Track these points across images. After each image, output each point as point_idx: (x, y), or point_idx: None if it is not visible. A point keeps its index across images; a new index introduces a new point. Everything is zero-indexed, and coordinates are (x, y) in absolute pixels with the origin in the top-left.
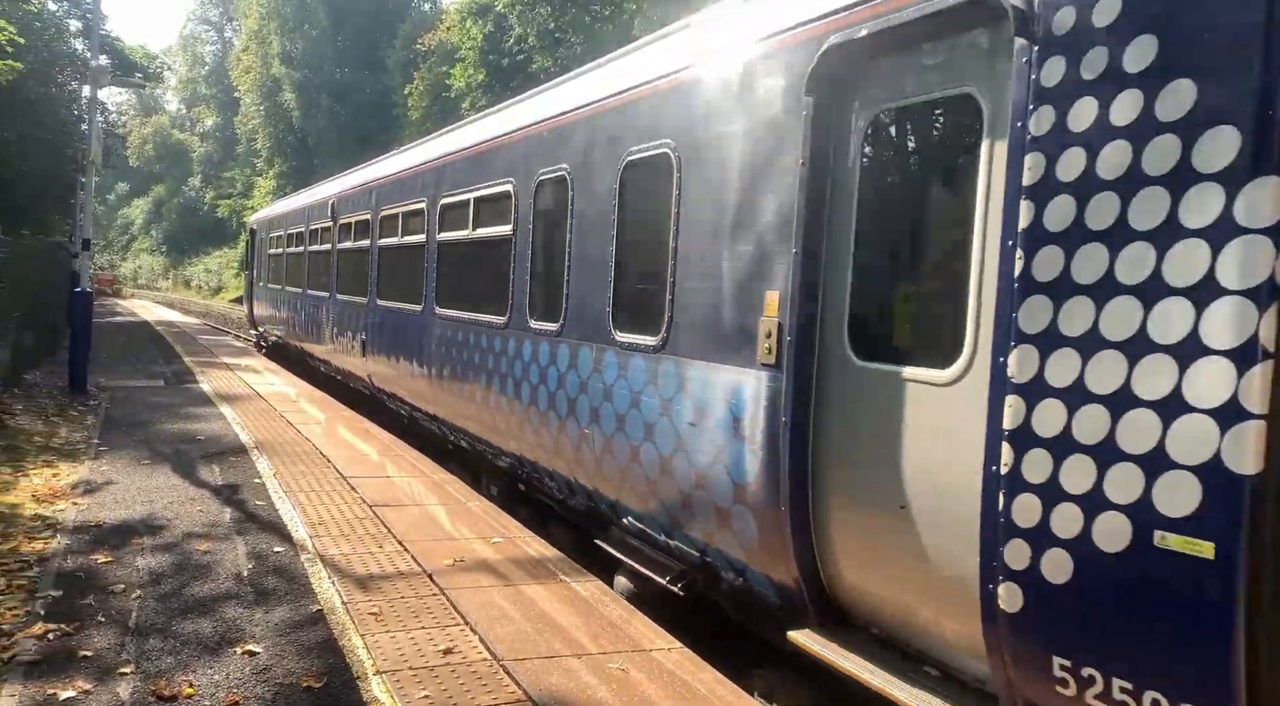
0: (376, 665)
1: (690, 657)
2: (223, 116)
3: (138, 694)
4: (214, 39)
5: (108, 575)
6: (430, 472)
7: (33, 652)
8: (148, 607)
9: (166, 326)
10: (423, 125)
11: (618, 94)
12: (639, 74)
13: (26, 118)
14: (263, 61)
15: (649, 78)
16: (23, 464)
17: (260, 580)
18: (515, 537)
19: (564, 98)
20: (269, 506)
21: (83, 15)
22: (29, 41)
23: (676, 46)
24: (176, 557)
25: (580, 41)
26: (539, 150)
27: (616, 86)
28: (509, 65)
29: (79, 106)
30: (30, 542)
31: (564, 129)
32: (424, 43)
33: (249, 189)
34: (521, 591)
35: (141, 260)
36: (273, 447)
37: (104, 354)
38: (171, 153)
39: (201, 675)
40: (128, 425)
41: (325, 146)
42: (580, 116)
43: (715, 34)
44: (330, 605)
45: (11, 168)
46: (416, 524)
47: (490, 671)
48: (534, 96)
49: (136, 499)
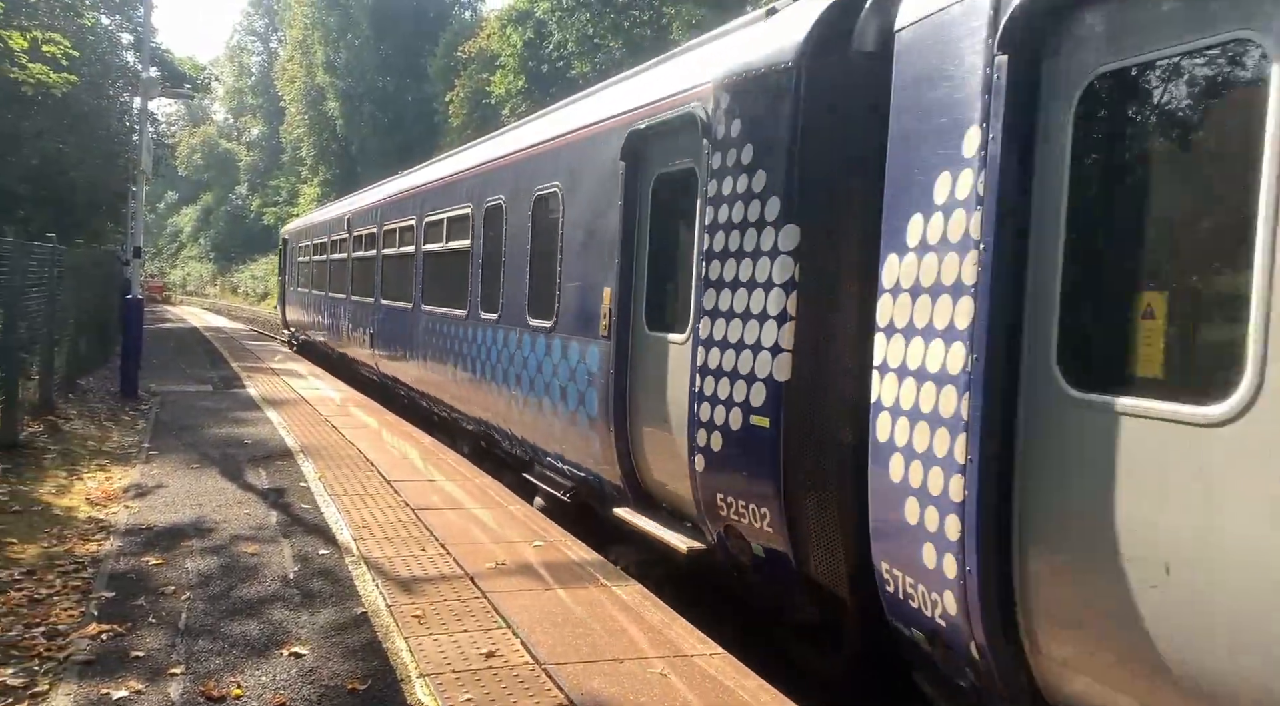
0: (420, 668)
1: (732, 663)
2: (268, 125)
3: (187, 694)
4: (260, 49)
5: (158, 577)
6: (471, 476)
7: (86, 652)
8: (197, 609)
9: (214, 332)
10: (463, 132)
11: (532, 146)
12: (543, 133)
13: (80, 129)
14: (307, 71)
15: (548, 136)
16: (77, 467)
17: (306, 582)
18: (556, 542)
19: (501, 146)
20: (314, 509)
21: (134, 29)
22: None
23: (565, 117)
24: (224, 560)
25: (619, 46)
26: (486, 183)
27: (532, 140)
28: (548, 71)
29: (130, 117)
30: (84, 544)
31: (501, 169)
32: (465, 50)
33: (294, 196)
34: (562, 595)
35: (190, 267)
36: (318, 451)
37: (154, 359)
38: (219, 162)
39: (249, 676)
40: (177, 429)
41: (368, 154)
42: (510, 161)
43: (587, 111)
44: (374, 607)
45: (66, 178)
46: (458, 527)
47: (532, 675)
48: (484, 142)
49: (186, 502)
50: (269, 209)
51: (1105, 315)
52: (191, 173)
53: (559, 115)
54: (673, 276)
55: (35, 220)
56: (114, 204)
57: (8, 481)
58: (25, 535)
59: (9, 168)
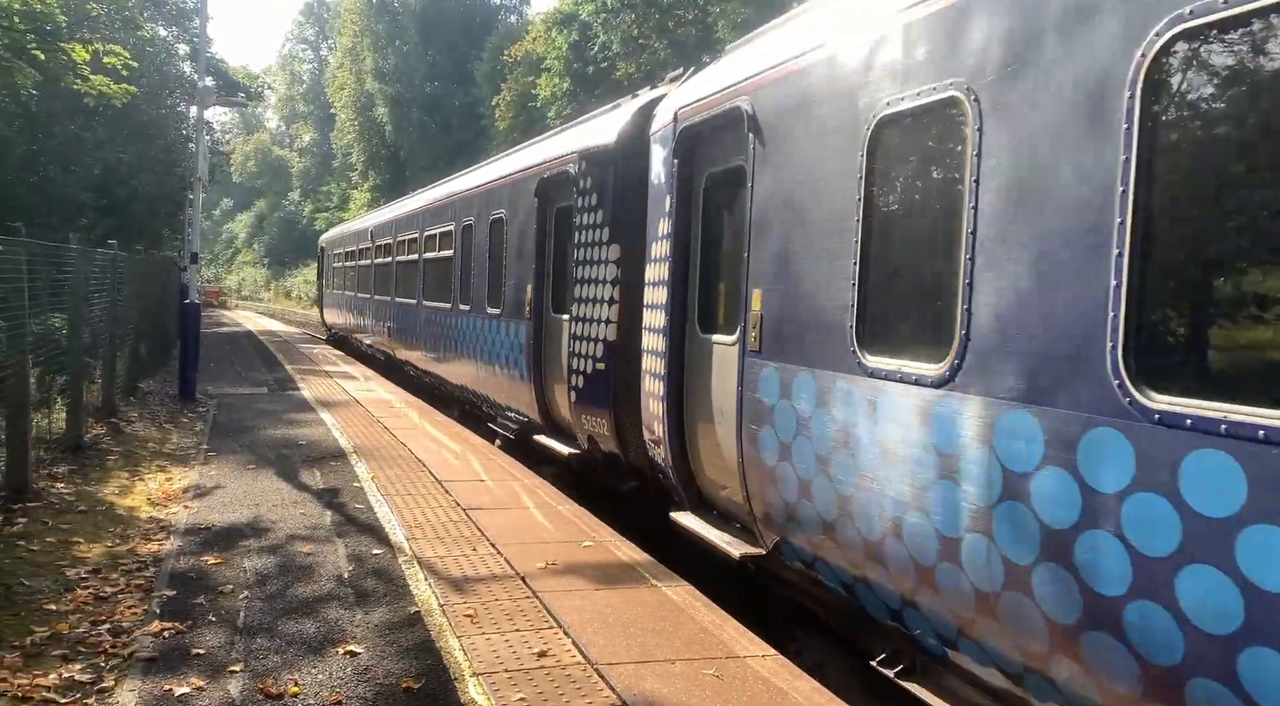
0: (473, 667)
1: (785, 665)
2: (319, 132)
3: (247, 691)
4: (311, 58)
5: (217, 575)
6: (520, 476)
7: (150, 649)
8: (255, 608)
9: (268, 336)
10: (510, 135)
11: (490, 181)
12: (496, 172)
13: (140, 139)
14: (356, 78)
15: (497, 176)
16: (139, 468)
17: (360, 581)
18: (605, 542)
19: (473, 179)
20: (367, 509)
21: (190, 39)
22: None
23: (510, 162)
24: (281, 559)
25: (663, 47)
26: (463, 207)
27: (490, 177)
28: (593, 73)
29: (187, 126)
30: (146, 544)
31: (471, 197)
32: (510, 54)
33: (345, 202)
34: (612, 595)
35: (244, 272)
36: (370, 452)
37: (211, 362)
38: (272, 168)
39: (306, 674)
40: (234, 431)
41: (417, 158)
42: (478, 191)
43: (520, 160)
44: (427, 607)
45: (127, 186)
46: (508, 527)
47: (584, 675)
48: (465, 175)
49: (243, 502)
50: (320, 214)
51: (711, 297)
52: (245, 179)
53: (507, 161)
54: (564, 276)
55: (98, 227)
56: (171, 211)
57: (73, 482)
58: (91, 534)
59: (73, 177)
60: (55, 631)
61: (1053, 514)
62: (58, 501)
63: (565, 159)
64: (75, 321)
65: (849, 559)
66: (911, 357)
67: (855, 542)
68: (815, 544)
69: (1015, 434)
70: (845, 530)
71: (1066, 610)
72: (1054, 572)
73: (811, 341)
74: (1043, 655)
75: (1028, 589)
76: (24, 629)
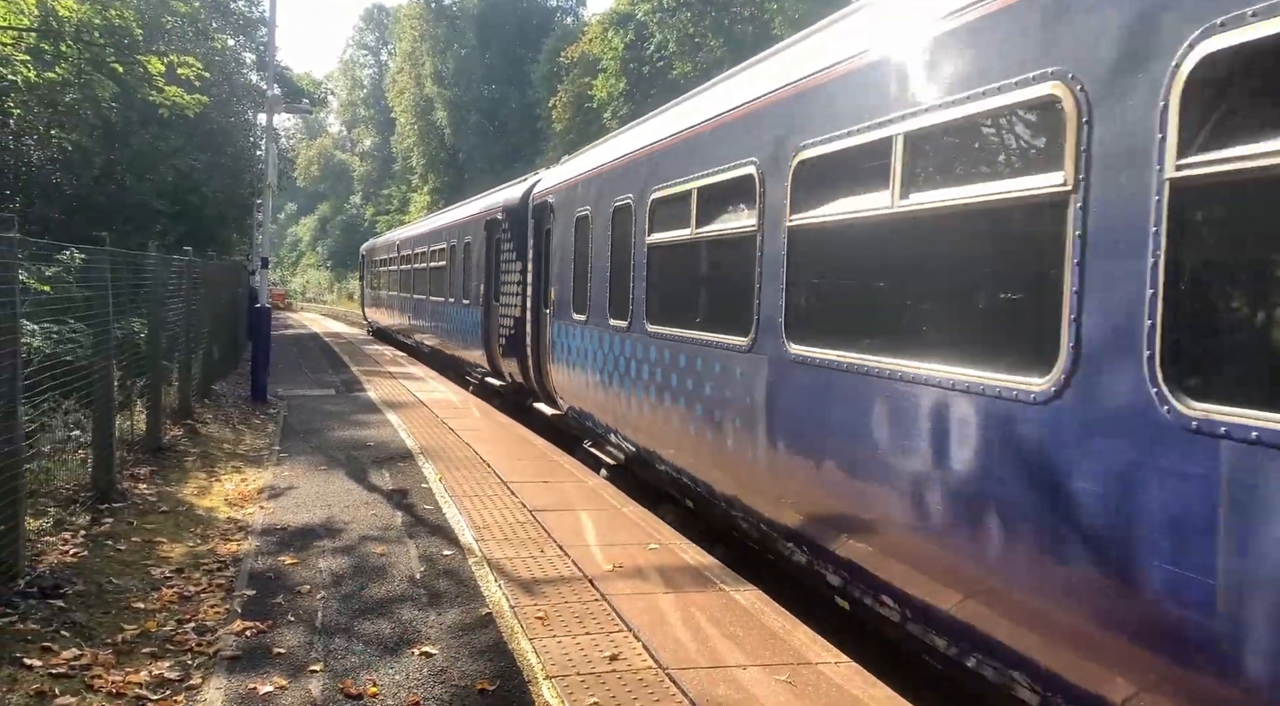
0: (546, 670)
1: (859, 672)
2: (380, 136)
3: (327, 691)
4: (371, 63)
5: (294, 576)
6: (583, 479)
7: (233, 648)
8: (331, 608)
9: (334, 337)
10: (566, 136)
11: (464, 218)
12: (465, 212)
13: (210, 146)
14: (416, 82)
15: (467, 215)
16: (215, 469)
17: (432, 582)
18: (671, 544)
19: (456, 214)
20: (436, 510)
21: (256, 48)
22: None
23: (470, 205)
24: (354, 560)
25: (720, 45)
26: (450, 232)
27: (464, 215)
28: (649, 73)
29: (254, 133)
30: (225, 544)
31: (452, 226)
32: (567, 55)
33: (405, 205)
34: (681, 599)
35: (309, 275)
36: (437, 453)
37: (279, 364)
38: (334, 173)
39: (383, 675)
40: (304, 432)
41: (475, 161)
42: (458, 222)
43: (474, 206)
44: (499, 608)
45: (199, 194)
46: (575, 529)
47: (656, 680)
48: (452, 209)
49: (316, 503)
50: (382, 217)
51: (546, 293)
52: (309, 184)
53: (473, 204)
54: (497, 278)
55: (170, 233)
56: (240, 216)
57: (155, 483)
58: (173, 534)
59: (148, 185)
60: (144, 629)
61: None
62: (140, 502)
63: (496, 208)
64: (155, 325)
65: (583, 407)
66: (578, 313)
67: (585, 400)
68: (577, 405)
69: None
70: (582, 396)
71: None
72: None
73: (565, 309)
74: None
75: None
76: (115, 627)
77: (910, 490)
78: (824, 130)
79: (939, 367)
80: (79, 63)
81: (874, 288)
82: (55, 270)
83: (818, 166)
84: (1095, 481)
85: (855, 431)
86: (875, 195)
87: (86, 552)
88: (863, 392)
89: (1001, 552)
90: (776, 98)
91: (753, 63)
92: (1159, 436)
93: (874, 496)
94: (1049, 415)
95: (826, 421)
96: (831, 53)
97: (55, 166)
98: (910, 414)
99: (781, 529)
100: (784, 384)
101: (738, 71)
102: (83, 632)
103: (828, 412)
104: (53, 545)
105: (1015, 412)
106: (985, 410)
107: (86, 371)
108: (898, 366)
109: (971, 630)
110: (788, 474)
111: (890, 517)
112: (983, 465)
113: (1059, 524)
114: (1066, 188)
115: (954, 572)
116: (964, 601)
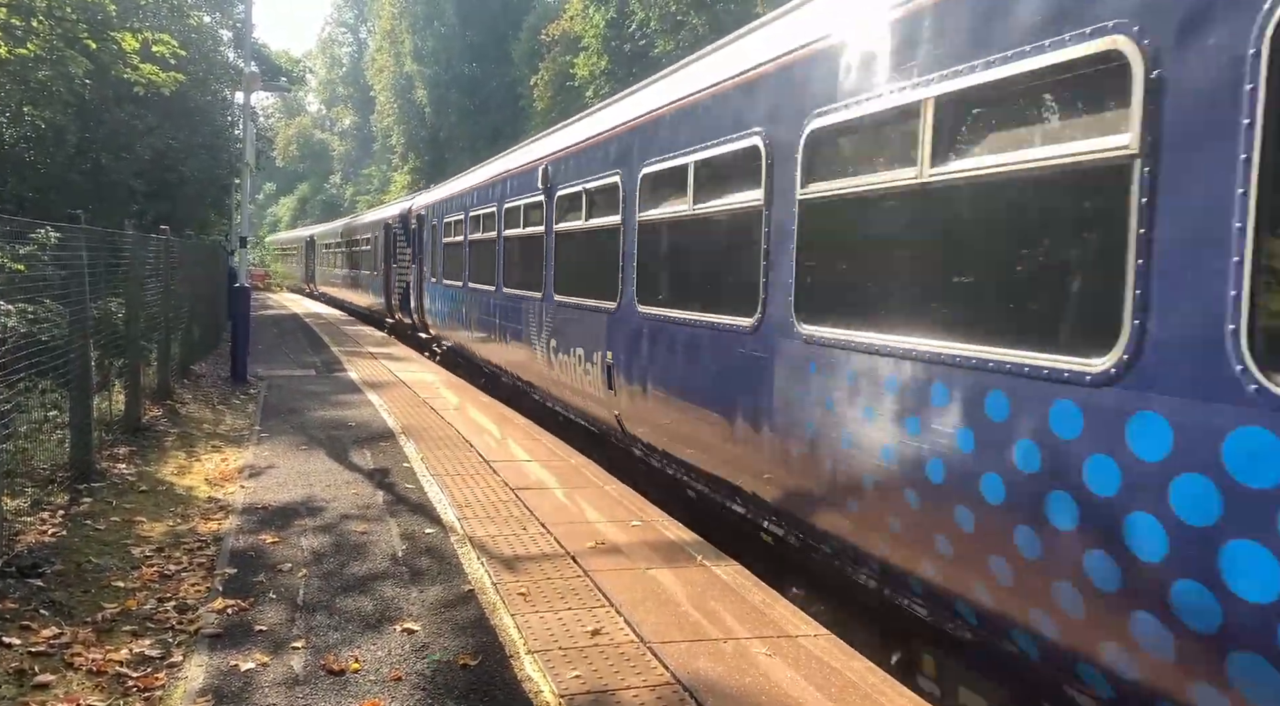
0: (528, 644)
1: (838, 645)
2: (360, 115)
3: (309, 667)
4: (350, 41)
5: (275, 554)
6: (567, 457)
7: (214, 626)
8: (313, 585)
9: (314, 318)
10: (548, 115)
11: (377, 219)
12: (376, 215)
13: (187, 125)
14: (395, 60)
15: (377, 217)
16: (195, 449)
17: (414, 560)
18: (653, 521)
19: (371, 215)
20: (417, 489)
21: (233, 25)
22: (188, 53)
23: (380, 211)
24: (335, 538)
25: (702, 23)
26: (365, 229)
27: (376, 216)
28: (631, 51)
29: (231, 112)
30: (206, 523)
31: (369, 223)
32: (548, 33)
33: (385, 184)
34: (662, 574)
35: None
36: (418, 433)
37: (259, 345)
38: (313, 152)
39: (365, 651)
40: (285, 412)
41: (456, 141)
42: (371, 221)
43: (382, 211)
44: (480, 585)
45: (177, 173)
46: (557, 506)
47: (637, 653)
48: (369, 212)
49: (296, 482)
50: (362, 197)
51: (431, 266)
52: (288, 164)
53: (381, 210)
54: (392, 260)
55: (148, 212)
56: (218, 196)
57: (134, 463)
58: (153, 513)
59: (124, 163)
60: (124, 607)
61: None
62: (120, 482)
63: (391, 217)
64: (132, 305)
65: (448, 331)
66: (453, 279)
67: (449, 327)
68: (444, 331)
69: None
70: (445, 323)
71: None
72: None
73: (437, 275)
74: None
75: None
76: (95, 605)
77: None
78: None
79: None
80: (51, 39)
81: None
82: (30, 249)
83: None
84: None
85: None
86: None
87: (65, 532)
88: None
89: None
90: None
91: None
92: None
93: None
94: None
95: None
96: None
97: (29, 144)
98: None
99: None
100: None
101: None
102: (62, 611)
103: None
104: (30, 525)
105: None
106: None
107: (63, 351)
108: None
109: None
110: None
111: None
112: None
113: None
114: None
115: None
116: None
